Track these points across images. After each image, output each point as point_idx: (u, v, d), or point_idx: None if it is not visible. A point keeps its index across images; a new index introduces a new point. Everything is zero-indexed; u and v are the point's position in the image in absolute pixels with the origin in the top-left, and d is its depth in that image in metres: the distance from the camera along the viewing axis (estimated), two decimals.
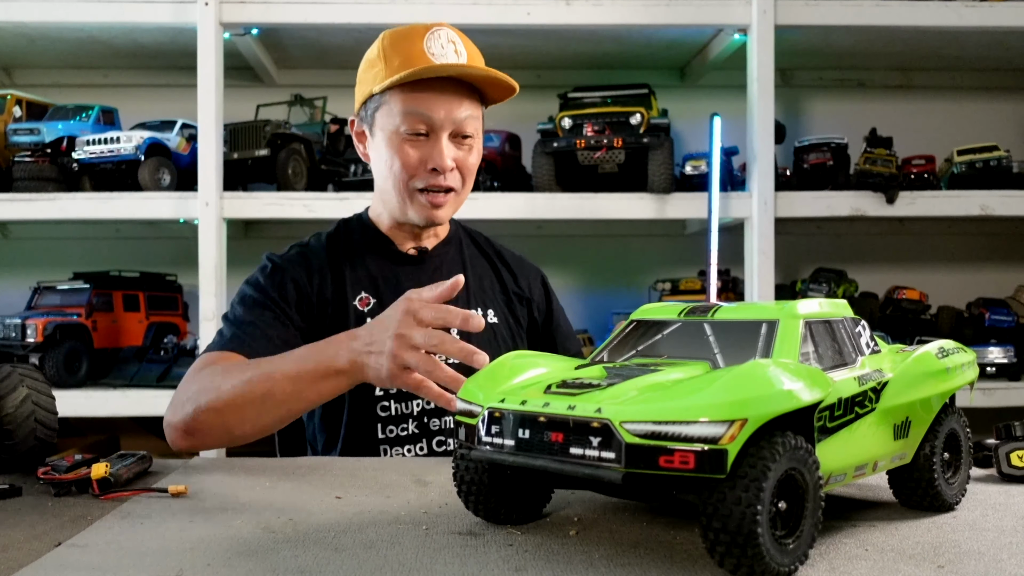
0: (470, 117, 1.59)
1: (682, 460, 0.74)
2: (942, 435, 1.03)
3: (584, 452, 0.79)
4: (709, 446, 0.74)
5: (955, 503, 1.05)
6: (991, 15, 2.93)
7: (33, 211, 2.81)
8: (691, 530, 0.95)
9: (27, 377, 1.24)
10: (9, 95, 3.01)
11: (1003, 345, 3.05)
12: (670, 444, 0.75)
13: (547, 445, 0.82)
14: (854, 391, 0.91)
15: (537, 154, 2.88)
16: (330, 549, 0.89)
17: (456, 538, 0.92)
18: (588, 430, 0.79)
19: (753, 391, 0.77)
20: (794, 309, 0.94)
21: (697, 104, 3.35)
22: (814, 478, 0.81)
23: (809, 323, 0.93)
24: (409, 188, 1.60)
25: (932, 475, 1.01)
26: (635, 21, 2.87)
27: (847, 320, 1.00)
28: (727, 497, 0.75)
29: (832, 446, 0.87)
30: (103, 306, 2.96)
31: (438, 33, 1.56)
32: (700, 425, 0.75)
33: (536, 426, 0.83)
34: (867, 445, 0.93)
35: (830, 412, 0.87)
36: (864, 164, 2.96)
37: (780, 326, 0.92)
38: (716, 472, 0.74)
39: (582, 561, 0.84)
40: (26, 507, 1.07)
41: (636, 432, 0.76)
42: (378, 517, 1.02)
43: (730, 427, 0.74)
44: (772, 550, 0.76)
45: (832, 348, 0.95)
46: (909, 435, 0.99)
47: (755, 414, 0.75)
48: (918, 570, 0.81)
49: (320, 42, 3.12)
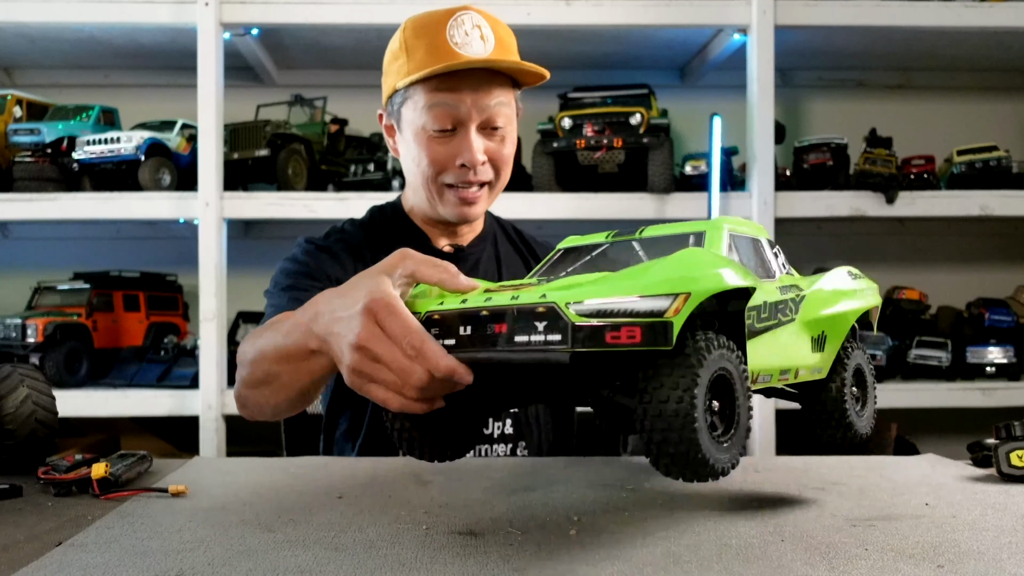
0: (499, 105, 1.50)
1: (629, 335, 0.75)
2: (850, 369, 1.08)
3: (529, 338, 0.79)
4: (655, 319, 0.75)
5: (865, 434, 1.10)
6: (991, 15, 2.93)
7: (33, 211, 2.81)
8: (692, 533, 0.95)
9: (27, 377, 1.24)
10: (9, 95, 3.01)
11: (1003, 345, 3.05)
12: (617, 320, 0.76)
13: (491, 338, 0.82)
14: (777, 298, 0.95)
15: (537, 154, 2.88)
16: (330, 549, 0.89)
17: (456, 538, 0.92)
18: (533, 316, 0.79)
19: (693, 270, 0.79)
20: (720, 222, 0.98)
21: (697, 104, 3.35)
22: (743, 379, 0.83)
23: (734, 236, 0.97)
24: (438, 184, 1.54)
25: (844, 406, 1.06)
26: (635, 21, 2.87)
27: (766, 241, 1.05)
28: (665, 384, 0.76)
29: (759, 346, 0.90)
30: (103, 306, 2.96)
31: (462, 19, 1.47)
32: (645, 299, 0.76)
33: (478, 320, 0.83)
34: (790, 352, 0.97)
35: (757, 313, 0.90)
36: (864, 164, 2.96)
37: (707, 236, 0.96)
38: (662, 344, 0.75)
39: (582, 561, 0.84)
40: (26, 507, 1.07)
41: (582, 312, 0.77)
42: (378, 517, 1.02)
43: (674, 300, 0.76)
44: (708, 443, 0.78)
45: (754, 262, 0.99)
46: (825, 350, 1.04)
47: (697, 289, 0.78)
48: (918, 570, 0.81)
49: (320, 42, 3.12)
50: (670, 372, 0.76)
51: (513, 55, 1.53)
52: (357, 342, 0.92)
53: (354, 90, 3.22)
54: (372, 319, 0.92)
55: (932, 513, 1.03)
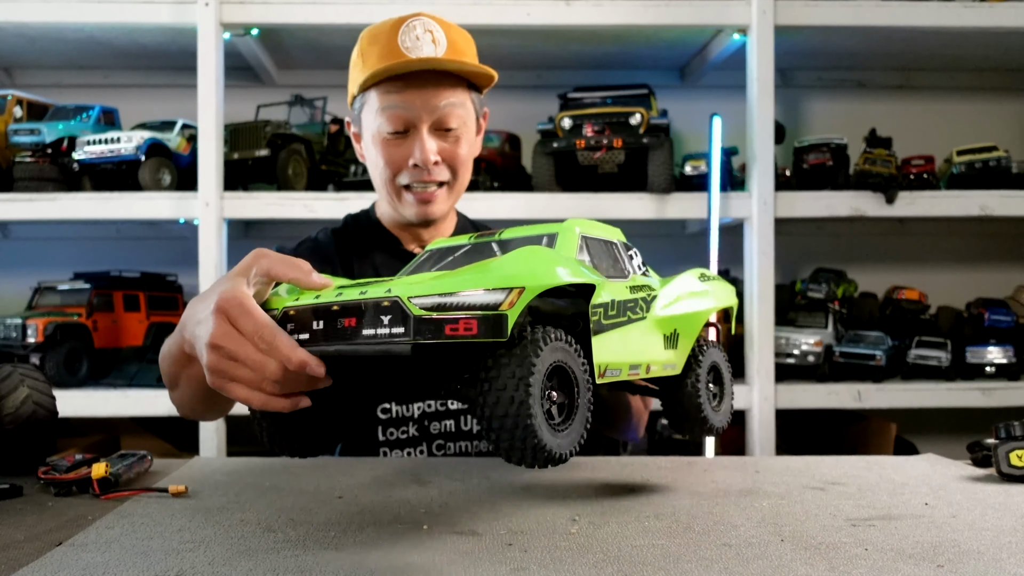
0: (450, 106, 1.54)
1: (466, 327, 0.80)
2: (705, 365, 1.14)
3: (376, 331, 0.84)
4: (490, 312, 0.81)
5: (721, 428, 1.17)
6: (991, 15, 2.93)
7: (33, 211, 2.81)
8: (692, 532, 0.95)
9: (28, 377, 1.24)
10: (10, 95, 3.01)
11: (1002, 345, 3.05)
12: (454, 313, 0.81)
13: (341, 331, 0.86)
14: (626, 297, 1.01)
15: (537, 154, 2.88)
16: (330, 549, 0.89)
17: (456, 538, 0.92)
18: (379, 309, 0.84)
19: (529, 267, 0.85)
20: (572, 224, 1.04)
21: (697, 104, 3.35)
22: (583, 374, 0.88)
23: (586, 238, 1.03)
24: (396, 186, 1.59)
25: (699, 401, 1.13)
26: (635, 21, 2.87)
27: (621, 244, 1.10)
28: (502, 375, 0.81)
29: (607, 341, 0.95)
30: (103, 306, 2.95)
31: (413, 24, 1.52)
32: (481, 293, 0.82)
33: (330, 315, 0.88)
34: (640, 348, 1.02)
35: (604, 310, 0.95)
36: (864, 164, 2.96)
37: (559, 237, 1.01)
38: (497, 336, 0.80)
39: (582, 561, 0.84)
40: (26, 507, 1.08)
41: (423, 305, 0.82)
42: (378, 517, 1.02)
43: (508, 294, 0.81)
44: (545, 430, 0.82)
45: (607, 262, 1.05)
46: (678, 347, 1.10)
47: (532, 284, 0.83)
48: (918, 570, 0.81)
49: (320, 42, 3.12)
50: (507, 363, 0.82)
51: (467, 57, 1.56)
52: (211, 341, 0.94)
53: None
54: (225, 318, 0.94)
55: (932, 513, 1.03)
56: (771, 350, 2.89)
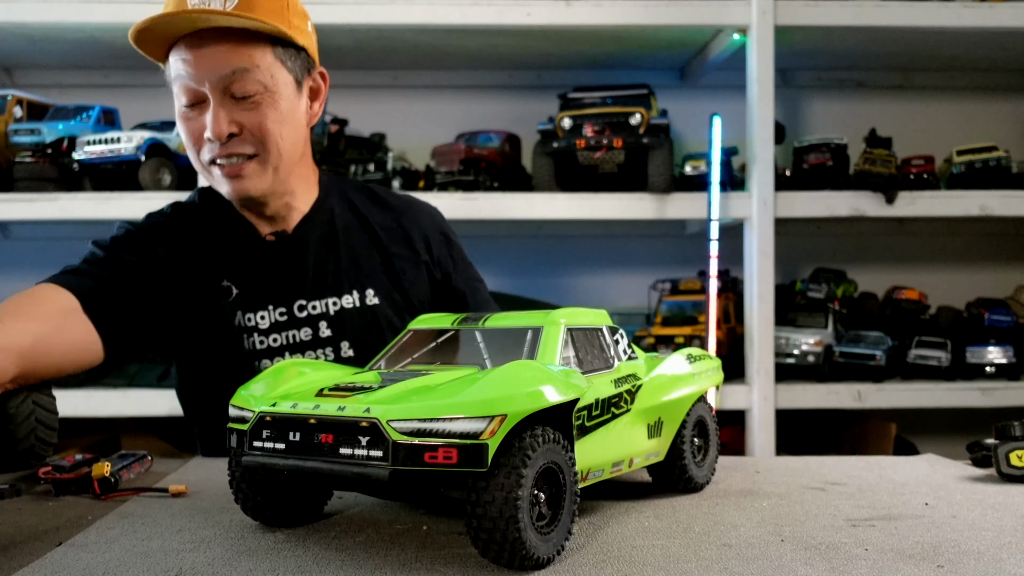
0: (242, 72, 1.35)
1: (445, 456, 0.78)
2: (691, 424, 1.14)
3: (353, 452, 0.82)
4: (471, 441, 0.78)
5: (705, 483, 1.17)
6: (991, 15, 2.92)
7: (33, 211, 2.81)
8: (692, 533, 0.95)
9: None
10: (10, 95, 3.00)
11: (1002, 345, 3.05)
12: (434, 440, 0.79)
13: (318, 447, 0.84)
14: (611, 393, 0.99)
15: (537, 154, 2.88)
16: (330, 549, 0.89)
17: (456, 538, 0.92)
18: (357, 430, 0.81)
19: (512, 389, 0.81)
20: (556, 317, 1.01)
21: (697, 104, 3.34)
22: (571, 471, 0.86)
23: (570, 330, 1.00)
24: (202, 163, 1.45)
25: (683, 461, 1.13)
26: (635, 21, 2.86)
27: (606, 328, 1.08)
28: (490, 486, 0.79)
29: (590, 444, 0.94)
30: None
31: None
32: (462, 421, 0.79)
33: (307, 428, 0.85)
34: (623, 443, 1.01)
35: (588, 412, 0.94)
36: (864, 164, 2.96)
37: (544, 332, 0.98)
38: (477, 466, 0.78)
39: (582, 561, 0.84)
40: (26, 507, 1.08)
41: (402, 430, 0.79)
42: (378, 517, 1.02)
43: (490, 423, 0.79)
44: (533, 538, 0.80)
45: (591, 353, 1.02)
46: (662, 434, 1.10)
47: (514, 410, 0.80)
48: (918, 570, 0.81)
49: (320, 42, 3.10)
50: (495, 476, 0.79)
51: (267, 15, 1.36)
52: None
53: (354, 90, 3.21)
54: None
55: (932, 513, 1.03)
56: (771, 350, 2.88)
